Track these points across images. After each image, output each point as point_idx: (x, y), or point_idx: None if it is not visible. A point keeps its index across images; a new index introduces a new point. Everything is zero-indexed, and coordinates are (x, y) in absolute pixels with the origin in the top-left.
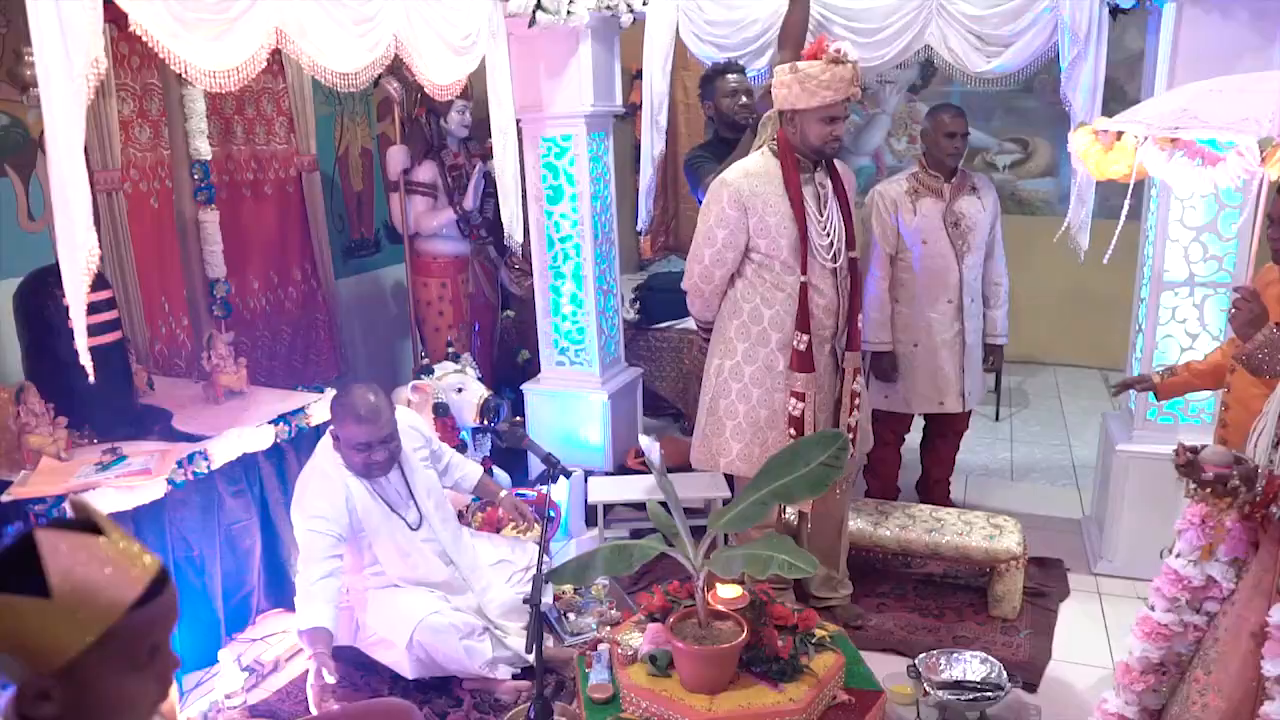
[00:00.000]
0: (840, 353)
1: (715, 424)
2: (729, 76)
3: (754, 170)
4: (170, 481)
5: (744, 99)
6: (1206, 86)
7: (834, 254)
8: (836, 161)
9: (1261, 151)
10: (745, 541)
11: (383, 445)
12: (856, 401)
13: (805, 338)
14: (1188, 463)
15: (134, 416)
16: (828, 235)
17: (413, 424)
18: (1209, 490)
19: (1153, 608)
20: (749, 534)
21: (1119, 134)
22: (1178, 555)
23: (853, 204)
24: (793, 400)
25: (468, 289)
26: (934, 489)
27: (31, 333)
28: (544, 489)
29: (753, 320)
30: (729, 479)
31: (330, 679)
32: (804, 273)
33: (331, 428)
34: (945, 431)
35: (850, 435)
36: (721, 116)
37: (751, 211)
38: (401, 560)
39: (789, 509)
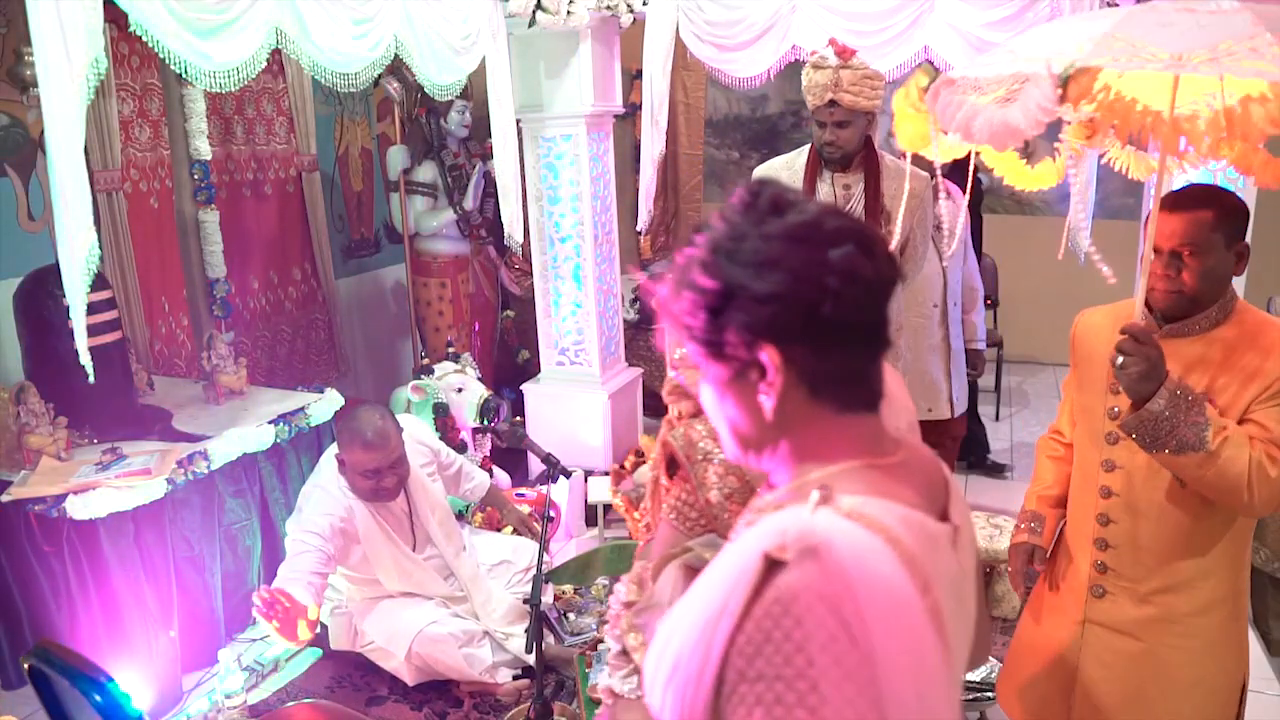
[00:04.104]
0: None
1: None
2: None
3: (779, 165)
4: (170, 481)
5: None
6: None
7: None
8: (894, 166)
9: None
10: None
11: (391, 471)
12: None
13: None
14: None
15: (134, 416)
16: None
17: (419, 438)
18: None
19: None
20: None
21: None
22: None
23: (896, 211)
24: None
25: (468, 289)
26: None
27: (31, 333)
28: (544, 489)
29: None
30: None
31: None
32: None
33: (337, 451)
34: (942, 439)
35: None
36: None
37: None
38: (403, 579)
39: None
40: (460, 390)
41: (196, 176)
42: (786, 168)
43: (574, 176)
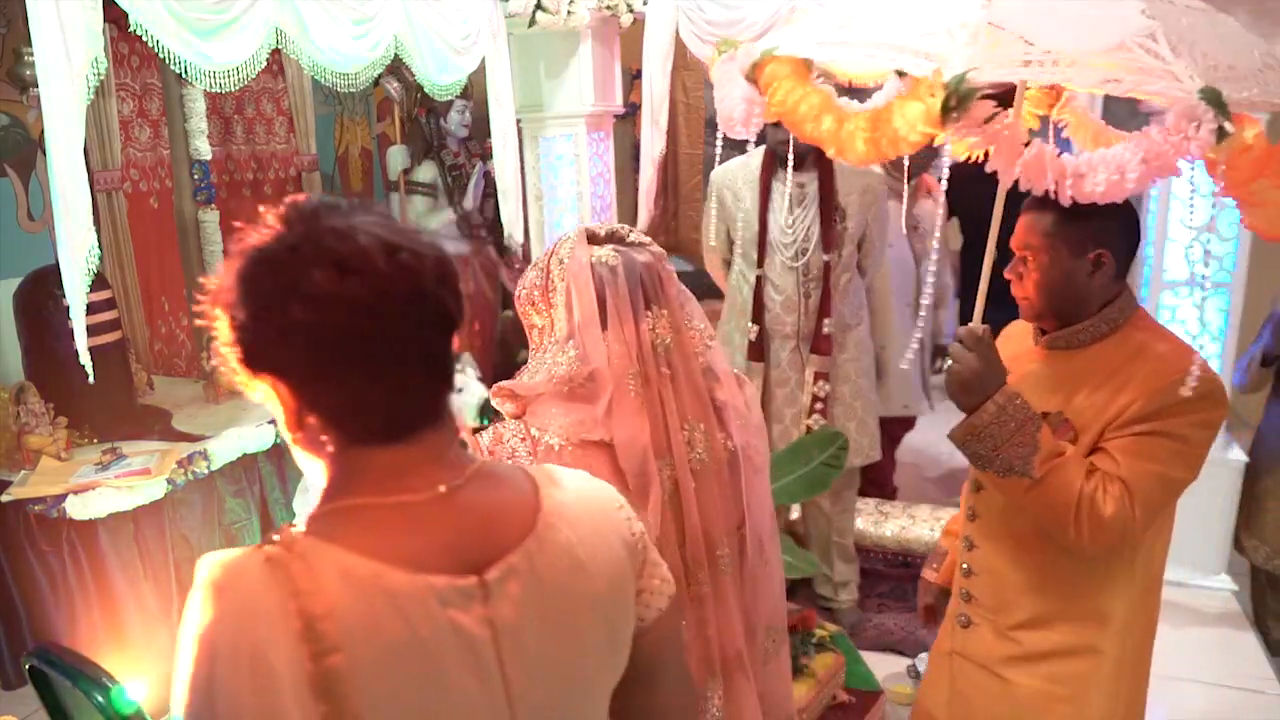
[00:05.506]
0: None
1: None
2: None
3: (736, 166)
4: (170, 481)
5: None
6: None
7: (796, 253)
8: (843, 165)
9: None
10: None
11: None
12: (819, 406)
13: (755, 328)
14: None
15: (134, 416)
16: (792, 234)
17: None
18: None
19: None
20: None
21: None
22: None
23: (850, 208)
24: None
25: (467, 289)
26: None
27: (31, 333)
28: None
29: (730, 306)
30: None
31: None
32: (760, 266)
33: None
34: (897, 434)
35: None
36: None
37: (724, 202)
38: None
39: (793, 509)
40: (459, 390)
41: (196, 176)
42: (743, 168)
43: (574, 176)
